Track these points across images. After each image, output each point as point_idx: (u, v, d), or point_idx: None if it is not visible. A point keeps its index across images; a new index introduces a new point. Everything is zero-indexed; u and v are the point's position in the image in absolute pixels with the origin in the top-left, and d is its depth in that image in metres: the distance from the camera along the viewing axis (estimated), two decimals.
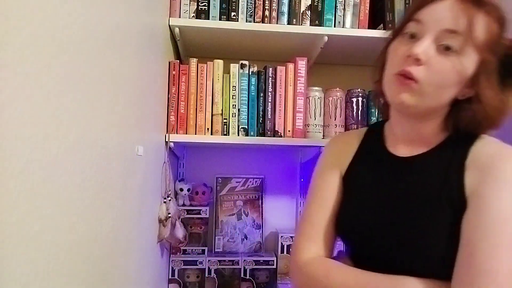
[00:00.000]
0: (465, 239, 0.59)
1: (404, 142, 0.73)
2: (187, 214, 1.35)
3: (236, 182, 1.47)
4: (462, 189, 0.62)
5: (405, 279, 0.62)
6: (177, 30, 1.19)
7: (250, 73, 1.22)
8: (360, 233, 0.72)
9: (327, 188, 0.78)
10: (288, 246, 1.38)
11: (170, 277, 1.31)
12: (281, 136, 1.22)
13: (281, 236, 1.40)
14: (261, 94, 1.23)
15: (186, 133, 1.19)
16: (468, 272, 0.57)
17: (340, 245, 0.84)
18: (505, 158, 0.61)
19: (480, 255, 0.57)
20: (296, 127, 1.22)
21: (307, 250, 0.74)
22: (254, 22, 1.21)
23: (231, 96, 1.21)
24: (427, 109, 0.66)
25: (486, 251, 0.56)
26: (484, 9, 0.62)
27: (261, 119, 1.23)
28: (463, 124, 0.66)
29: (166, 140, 1.16)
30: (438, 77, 0.62)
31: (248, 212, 1.45)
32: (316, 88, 1.27)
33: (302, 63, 1.23)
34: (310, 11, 1.24)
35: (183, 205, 1.37)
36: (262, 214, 1.45)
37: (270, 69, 1.22)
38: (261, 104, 1.23)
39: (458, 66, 0.61)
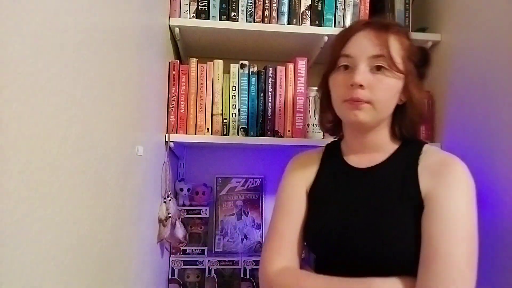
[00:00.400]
0: (427, 234, 0.68)
1: (362, 155, 0.83)
2: (187, 214, 1.35)
3: (236, 182, 1.47)
4: (419, 191, 0.73)
5: (372, 279, 0.69)
6: (177, 30, 1.19)
7: (250, 73, 1.22)
8: (327, 241, 0.78)
9: (293, 202, 0.85)
10: None
11: (170, 277, 1.31)
12: (281, 136, 1.22)
13: None
14: (261, 94, 1.23)
15: (186, 133, 1.19)
16: (434, 262, 0.65)
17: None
18: (452, 165, 0.73)
19: (444, 247, 0.65)
20: (296, 127, 1.22)
21: (276, 261, 0.78)
22: (254, 22, 1.21)
23: (231, 96, 1.21)
24: (381, 120, 0.78)
25: (449, 243, 0.66)
26: (392, 31, 0.76)
27: (261, 119, 1.23)
28: (405, 124, 0.80)
29: (166, 140, 1.16)
30: (382, 93, 0.75)
31: (248, 212, 1.45)
32: (316, 88, 1.26)
33: (302, 63, 1.23)
34: (310, 11, 1.24)
35: (183, 205, 1.37)
36: (262, 214, 1.45)
37: (270, 69, 1.22)
38: (261, 104, 1.23)
39: (392, 80, 0.75)
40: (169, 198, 1.15)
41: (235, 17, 1.20)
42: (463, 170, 0.73)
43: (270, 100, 1.22)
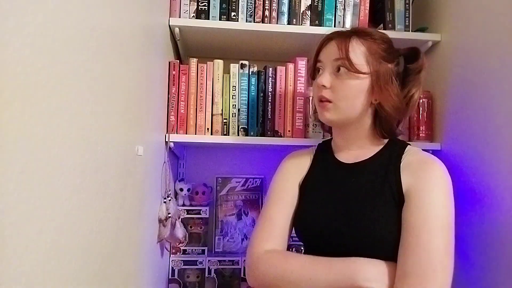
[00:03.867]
0: (408, 224, 0.74)
1: (349, 151, 0.89)
2: (187, 214, 1.35)
3: (236, 182, 1.47)
4: (400, 186, 0.79)
5: (356, 258, 0.74)
6: (177, 30, 1.19)
7: (250, 73, 1.22)
8: (314, 227, 0.84)
9: (286, 192, 0.91)
10: (288, 246, 1.38)
11: (170, 277, 1.31)
12: (281, 136, 1.22)
13: None
14: (261, 94, 1.23)
15: (186, 133, 1.19)
16: (414, 250, 0.71)
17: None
18: (431, 164, 0.80)
19: (425, 236, 0.71)
20: (296, 127, 1.22)
21: (265, 244, 0.84)
22: (254, 22, 1.21)
23: (231, 96, 1.21)
24: (349, 119, 0.85)
25: (429, 233, 0.71)
26: (356, 36, 0.83)
27: (261, 119, 1.23)
28: (381, 123, 0.86)
29: (166, 140, 1.16)
30: (342, 92, 0.82)
31: (248, 212, 1.45)
32: None
33: (302, 63, 1.23)
34: (310, 11, 1.24)
35: (183, 205, 1.37)
36: None
37: (270, 69, 1.22)
38: (261, 104, 1.23)
39: (352, 80, 0.82)
40: (169, 198, 1.15)
41: (235, 17, 1.20)
42: (441, 167, 0.79)
43: (270, 100, 1.22)
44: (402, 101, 0.85)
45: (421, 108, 1.26)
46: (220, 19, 1.20)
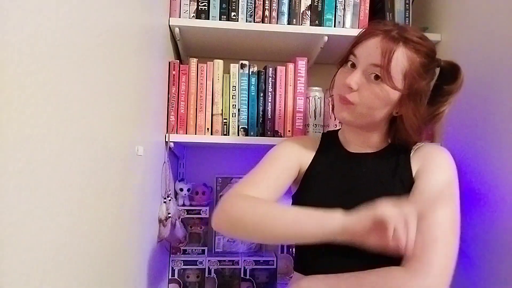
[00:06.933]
0: (414, 199, 0.75)
1: (358, 144, 0.88)
2: (187, 214, 1.35)
3: (236, 182, 1.46)
4: (411, 173, 0.81)
5: (332, 212, 0.70)
6: (177, 30, 1.19)
7: (250, 73, 1.22)
8: None
9: (284, 159, 0.87)
10: (288, 246, 1.38)
11: (170, 277, 1.31)
12: (281, 136, 1.22)
13: None
14: (261, 94, 1.23)
15: (186, 133, 1.19)
16: (418, 225, 0.67)
17: None
18: (439, 151, 0.84)
19: (429, 212, 0.72)
20: (296, 127, 1.22)
21: (247, 190, 0.79)
22: (254, 22, 1.21)
23: (231, 96, 1.21)
24: (364, 124, 0.83)
25: (433, 208, 0.72)
26: (404, 44, 0.77)
27: (261, 119, 1.23)
28: (399, 136, 0.84)
29: (166, 140, 1.16)
30: (367, 101, 0.78)
31: None
32: (316, 88, 1.26)
33: (302, 63, 1.23)
34: (310, 11, 1.23)
35: (183, 205, 1.37)
36: None
37: (270, 69, 1.22)
38: (261, 104, 1.23)
39: (383, 93, 0.77)
40: (169, 198, 1.15)
41: (235, 17, 1.20)
42: (447, 153, 0.83)
43: (270, 100, 1.22)
44: (425, 119, 0.82)
45: None
46: (220, 19, 1.20)
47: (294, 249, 0.90)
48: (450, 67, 0.84)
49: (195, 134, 1.19)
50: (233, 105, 1.20)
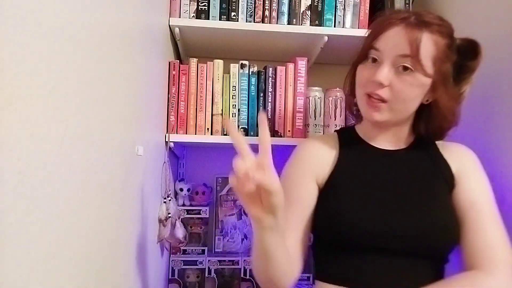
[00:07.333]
0: (468, 204, 0.76)
1: (383, 139, 0.84)
2: (187, 214, 1.35)
3: None
4: (450, 171, 0.80)
5: None
6: (177, 30, 1.19)
7: (250, 73, 1.22)
8: (369, 225, 0.73)
9: (301, 190, 0.81)
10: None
11: (170, 277, 1.31)
12: (281, 136, 1.22)
13: None
14: (261, 94, 1.23)
15: (186, 133, 1.19)
16: (488, 225, 0.74)
17: None
18: (466, 149, 0.85)
19: (491, 211, 0.76)
20: (296, 127, 1.22)
21: None
22: (254, 22, 1.21)
23: (231, 96, 1.21)
24: (399, 120, 0.79)
25: (491, 207, 0.77)
26: (427, 29, 0.73)
27: None
28: (431, 126, 0.81)
29: (166, 140, 1.16)
30: (402, 94, 0.74)
31: None
32: (316, 88, 1.26)
33: (302, 63, 1.23)
34: (310, 11, 1.23)
35: (183, 205, 1.37)
36: None
37: (270, 69, 1.22)
38: (261, 104, 1.23)
39: (417, 82, 0.73)
40: (169, 198, 1.15)
41: (235, 17, 1.20)
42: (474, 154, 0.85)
43: (270, 100, 1.22)
44: (457, 99, 0.80)
45: None
46: (220, 19, 1.20)
47: (314, 258, 0.85)
48: (467, 43, 0.80)
49: (195, 134, 1.19)
50: (233, 105, 1.20)
